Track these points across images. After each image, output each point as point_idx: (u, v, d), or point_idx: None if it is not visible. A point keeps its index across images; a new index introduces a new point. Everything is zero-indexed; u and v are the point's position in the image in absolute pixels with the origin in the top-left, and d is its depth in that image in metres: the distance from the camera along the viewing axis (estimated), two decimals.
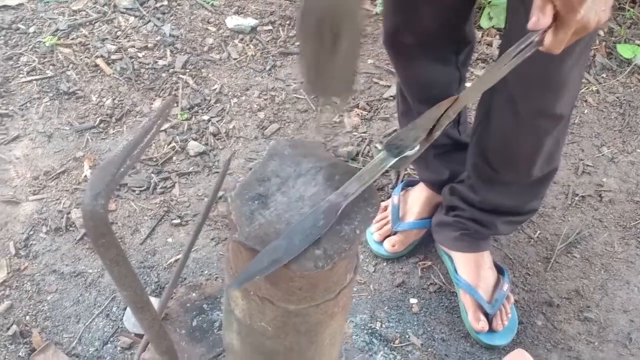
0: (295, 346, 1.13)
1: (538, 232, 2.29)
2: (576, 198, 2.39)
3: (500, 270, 2.09)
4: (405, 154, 1.01)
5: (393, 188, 2.32)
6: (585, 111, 2.67)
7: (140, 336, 1.91)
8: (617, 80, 2.79)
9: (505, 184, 1.89)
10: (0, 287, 2.02)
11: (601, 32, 2.93)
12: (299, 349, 1.14)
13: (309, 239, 0.93)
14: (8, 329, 1.93)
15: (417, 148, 1.02)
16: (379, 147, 0.99)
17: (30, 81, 2.56)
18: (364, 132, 2.50)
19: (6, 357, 1.88)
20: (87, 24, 2.78)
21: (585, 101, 2.70)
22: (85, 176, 2.28)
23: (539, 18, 1.12)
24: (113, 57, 2.66)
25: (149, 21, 2.81)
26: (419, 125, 1.03)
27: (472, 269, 2.05)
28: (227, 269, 1.09)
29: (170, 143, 2.40)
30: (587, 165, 2.49)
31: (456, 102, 1.07)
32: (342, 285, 1.06)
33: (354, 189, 0.98)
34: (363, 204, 0.98)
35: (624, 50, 2.84)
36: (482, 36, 2.86)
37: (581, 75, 1.68)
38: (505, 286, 2.03)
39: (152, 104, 2.52)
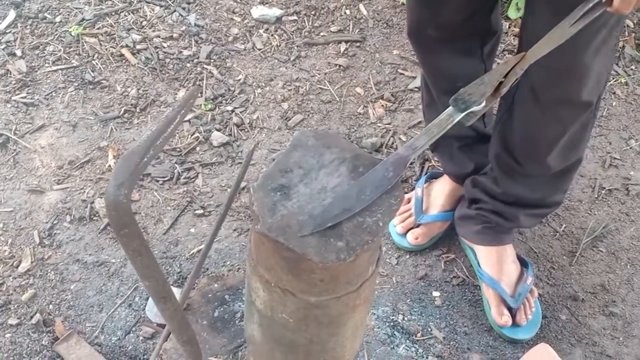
0: (316, 338, 1.12)
1: (564, 225, 2.26)
2: (603, 191, 2.36)
3: (524, 264, 2.07)
4: (472, 109, 1.02)
5: (417, 180, 2.30)
6: (614, 103, 2.63)
7: (162, 326, 1.92)
8: None
9: (528, 176, 1.87)
10: (24, 275, 2.03)
11: (630, 24, 2.89)
12: (319, 340, 1.13)
13: (379, 190, 0.95)
14: (31, 317, 1.94)
15: (483, 104, 1.03)
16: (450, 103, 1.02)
17: (55, 70, 2.57)
18: (389, 124, 2.49)
19: (29, 345, 1.90)
20: (113, 13, 2.78)
21: (614, 93, 2.67)
22: (110, 166, 2.29)
23: None
24: (138, 47, 2.66)
25: (174, 11, 2.81)
26: (487, 81, 1.04)
27: (494, 263, 2.03)
28: (248, 260, 1.09)
29: (193, 133, 2.40)
30: (615, 159, 2.46)
31: (523, 59, 1.08)
32: (364, 277, 1.05)
33: (423, 142, 1.00)
34: (386, 196, 0.97)
35: None
36: (509, 27, 2.83)
37: (608, 62, 1.66)
38: (529, 280, 2.01)
39: (176, 94, 2.52)
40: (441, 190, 2.20)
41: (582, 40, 1.47)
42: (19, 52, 2.61)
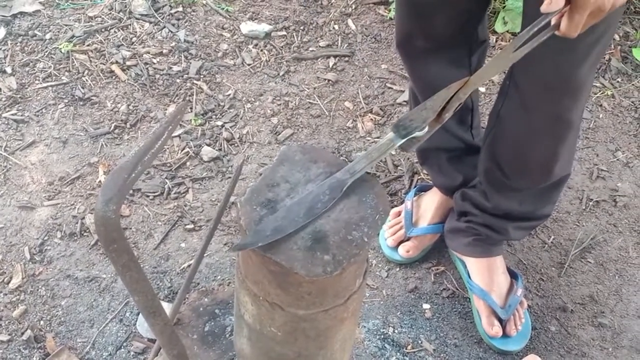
0: (305, 351, 1.13)
1: (552, 237, 2.28)
2: (590, 203, 2.38)
3: (513, 276, 2.08)
4: (413, 135, 1.02)
5: (406, 194, 2.32)
6: (600, 115, 2.66)
7: (153, 341, 1.92)
8: (633, 84, 2.78)
9: (518, 190, 1.88)
10: (15, 292, 2.03)
11: (616, 37, 2.92)
12: (308, 354, 1.14)
13: (313, 212, 0.96)
14: (22, 333, 1.94)
15: (426, 129, 1.02)
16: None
17: (45, 87, 2.58)
18: (378, 137, 2.50)
19: None
20: (103, 30, 2.80)
21: (600, 105, 2.69)
22: (100, 182, 2.29)
23: (552, 0, 1.11)
24: (128, 63, 2.67)
25: (164, 27, 2.82)
26: (429, 107, 1.04)
27: (485, 274, 2.04)
28: (237, 274, 1.10)
29: (184, 148, 2.41)
30: (602, 170, 2.47)
31: (467, 84, 1.07)
32: (351, 290, 1.06)
33: (361, 167, 1.00)
34: (372, 211, 0.98)
35: None
36: (496, 40, 2.86)
37: (593, 78, 1.67)
38: (519, 291, 2.02)
39: (166, 109, 2.53)
40: (431, 203, 2.21)
41: (579, 56, 1.48)
42: (9, 69, 2.61)
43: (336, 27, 2.91)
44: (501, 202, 1.92)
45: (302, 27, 2.89)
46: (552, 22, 1.17)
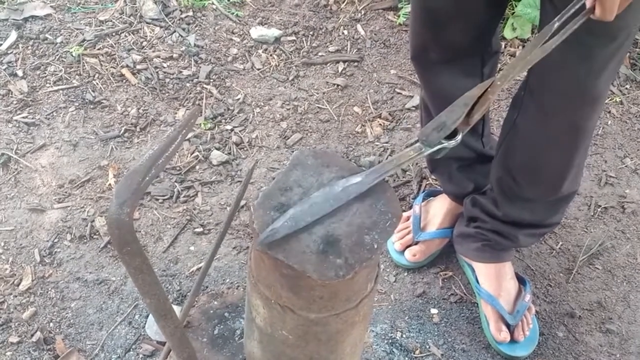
0: (316, 355, 1.13)
1: (560, 243, 2.28)
2: (599, 209, 2.38)
3: (521, 281, 2.08)
4: (443, 145, 1.02)
5: (414, 199, 2.32)
6: (609, 122, 2.66)
7: (162, 344, 1.93)
8: None
9: (529, 200, 1.88)
10: (25, 294, 2.04)
11: None
12: (319, 357, 1.14)
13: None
14: (32, 335, 1.95)
15: (459, 138, 1.02)
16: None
17: (56, 91, 2.59)
18: (386, 142, 2.50)
19: None
20: (113, 34, 2.81)
21: (609, 112, 2.69)
22: (110, 185, 2.30)
23: None
24: (138, 67, 2.68)
25: (174, 32, 2.84)
26: (457, 110, 1.03)
27: (493, 280, 2.04)
28: (249, 277, 1.10)
29: (193, 152, 2.42)
30: (610, 177, 2.47)
31: (492, 85, 1.07)
32: (363, 294, 1.06)
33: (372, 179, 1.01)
34: (383, 216, 0.98)
35: None
36: (505, 47, 2.86)
37: (609, 86, 1.67)
38: (527, 297, 2.03)
39: (176, 113, 2.54)
40: (439, 208, 2.21)
41: (598, 65, 1.47)
42: (20, 73, 2.63)
43: (345, 32, 2.92)
44: (512, 211, 1.92)
45: (311, 32, 2.90)
46: (587, 5, 1.16)
